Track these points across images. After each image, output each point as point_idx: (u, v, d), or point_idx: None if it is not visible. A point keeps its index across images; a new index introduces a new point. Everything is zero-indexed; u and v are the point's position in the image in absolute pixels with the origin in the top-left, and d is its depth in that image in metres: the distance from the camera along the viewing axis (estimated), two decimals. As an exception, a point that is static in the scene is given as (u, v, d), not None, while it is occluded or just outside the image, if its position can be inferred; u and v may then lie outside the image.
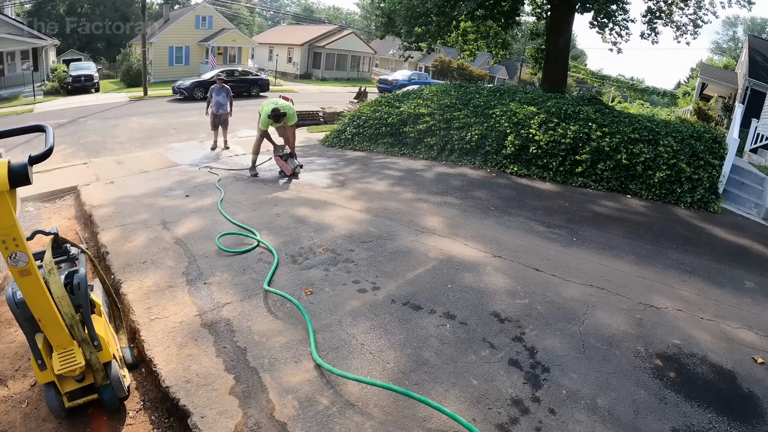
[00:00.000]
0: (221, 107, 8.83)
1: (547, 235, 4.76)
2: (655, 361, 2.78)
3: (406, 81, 25.68)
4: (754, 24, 41.97)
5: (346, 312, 3.08)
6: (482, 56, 34.66)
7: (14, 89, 19.69)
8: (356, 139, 9.08)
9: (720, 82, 19.58)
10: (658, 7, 10.93)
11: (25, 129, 1.93)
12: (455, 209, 5.37)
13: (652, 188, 6.52)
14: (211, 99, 8.86)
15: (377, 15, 12.89)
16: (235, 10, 45.66)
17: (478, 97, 8.72)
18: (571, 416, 2.30)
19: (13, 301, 2.01)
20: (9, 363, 2.73)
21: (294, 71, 35.28)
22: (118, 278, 3.44)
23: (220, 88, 8.91)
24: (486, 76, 39.79)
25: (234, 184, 6.12)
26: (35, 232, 2.35)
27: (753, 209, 6.65)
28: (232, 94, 9.10)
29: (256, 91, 21.57)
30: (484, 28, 12.84)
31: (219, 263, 3.71)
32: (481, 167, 7.45)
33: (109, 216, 4.79)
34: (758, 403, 2.52)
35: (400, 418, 2.21)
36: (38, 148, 1.67)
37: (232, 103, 9.01)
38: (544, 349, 2.81)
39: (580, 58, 55.01)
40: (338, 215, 4.94)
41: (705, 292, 3.83)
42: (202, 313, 3.00)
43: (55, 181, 6.38)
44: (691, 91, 26.50)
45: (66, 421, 2.30)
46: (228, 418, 2.18)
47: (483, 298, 3.34)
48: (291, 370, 2.51)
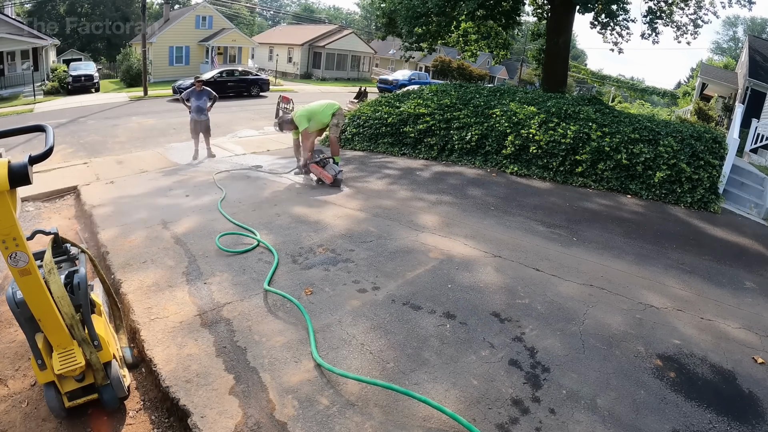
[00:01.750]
0: (202, 113, 8.14)
1: (548, 235, 4.76)
2: (655, 361, 2.78)
3: (406, 81, 25.69)
4: (755, 24, 41.97)
5: (346, 312, 3.08)
6: (483, 56, 34.63)
7: (14, 89, 19.70)
8: (356, 138, 9.07)
9: (720, 82, 19.58)
10: (659, 7, 10.93)
11: (25, 129, 1.93)
12: (455, 209, 5.37)
13: (652, 188, 6.52)
14: (191, 104, 8.14)
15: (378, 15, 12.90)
16: (236, 9, 45.63)
17: (479, 97, 8.72)
18: (571, 416, 2.30)
19: (13, 300, 2.01)
20: (9, 363, 2.73)
21: (294, 71, 35.29)
22: (118, 278, 3.44)
23: (200, 92, 8.18)
24: (486, 76, 39.79)
25: (234, 183, 6.11)
26: (35, 231, 2.35)
27: (753, 209, 6.65)
28: (215, 96, 8.43)
29: (256, 91, 21.57)
30: (484, 29, 12.84)
31: (219, 263, 3.71)
32: (481, 167, 7.45)
33: (109, 216, 4.79)
34: (758, 404, 2.52)
35: (401, 418, 2.21)
36: (38, 148, 1.67)
37: (212, 106, 8.32)
38: (544, 349, 2.81)
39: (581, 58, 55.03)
40: (338, 214, 4.94)
41: (705, 292, 3.83)
42: (202, 313, 3.00)
43: (55, 181, 6.38)
44: (691, 91, 26.49)
45: (66, 421, 2.30)
46: (228, 418, 2.18)
47: (483, 298, 3.34)
48: (291, 370, 2.51)
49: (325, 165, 6.07)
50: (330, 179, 5.97)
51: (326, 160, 6.17)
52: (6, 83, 19.84)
